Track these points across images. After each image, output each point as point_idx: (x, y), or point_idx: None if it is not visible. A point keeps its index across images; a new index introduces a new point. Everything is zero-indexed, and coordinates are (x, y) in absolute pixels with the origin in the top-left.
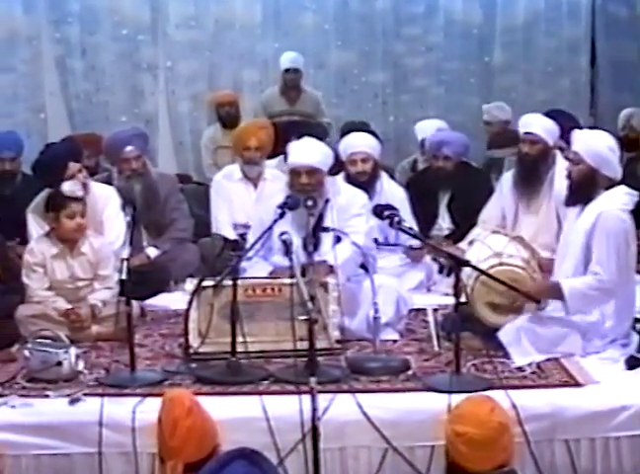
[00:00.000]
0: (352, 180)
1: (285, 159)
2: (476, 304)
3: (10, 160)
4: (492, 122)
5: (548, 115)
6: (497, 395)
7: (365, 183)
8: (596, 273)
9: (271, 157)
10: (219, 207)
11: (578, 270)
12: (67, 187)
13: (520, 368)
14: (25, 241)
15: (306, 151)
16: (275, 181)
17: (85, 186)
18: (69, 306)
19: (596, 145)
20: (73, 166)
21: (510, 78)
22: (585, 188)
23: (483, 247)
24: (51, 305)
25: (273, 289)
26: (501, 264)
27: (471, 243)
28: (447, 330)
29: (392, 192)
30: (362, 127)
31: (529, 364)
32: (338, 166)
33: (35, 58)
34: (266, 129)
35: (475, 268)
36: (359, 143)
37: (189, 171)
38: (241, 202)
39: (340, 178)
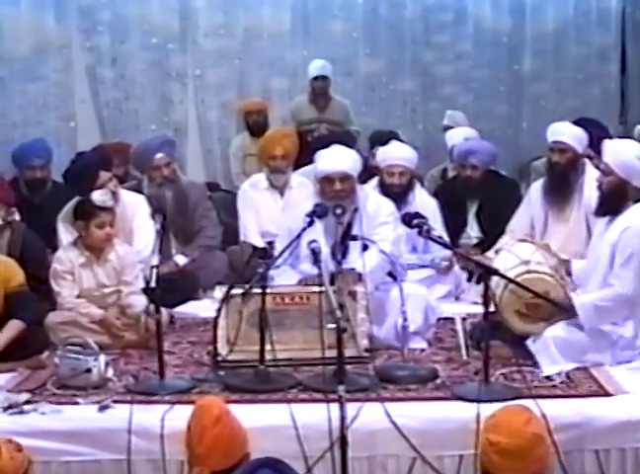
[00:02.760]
0: (386, 190)
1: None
2: (505, 312)
3: (40, 168)
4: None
5: (578, 123)
6: (526, 404)
7: (399, 194)
8: (611, 284)
9: (296, 167)
10: (247, 216)
11: (607, 282)
12: (97, 196)
13: (549, 377)
14: (55, 249)
15: (338, 158)
16: (301, 188)
17: (115, 194)
18: (102, 312)
19: (626, 156)
20: (104, 175)
21: (539, 86)
22: (615, 199)
23: (510, 255)
24: (84, 311)
25: (301, 298)
26: (528, 271)
27: (497, 252)
28: (476, 339)
29: (424, 201)
30: (392, 136)
31: (559, 374)
32: (366, 174)
33: (65, 67)
34: (290, 137)
35: (504, 276)
36: (398, 155)
37: (217, 179)
38: (268, 211)
39: (368, 186)
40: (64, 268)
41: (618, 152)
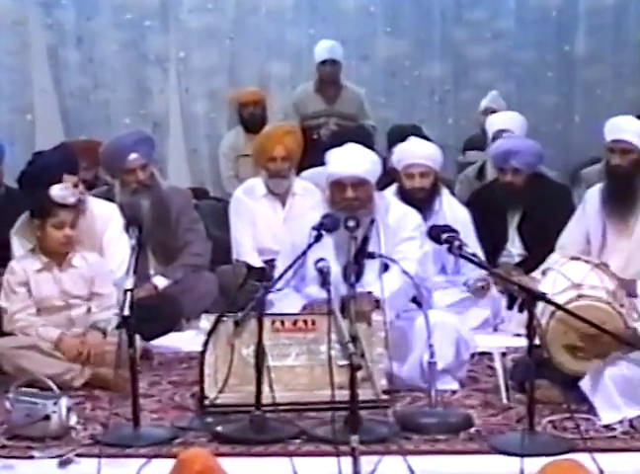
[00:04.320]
0: (406, 196)
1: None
2: (552, 347)
3: None
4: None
5: None
6: (580, 459)
7: (422, 200)
8: None
9: (301, 169)
10: (241, 229)
11: None
12: (56, 191)
13: (608, 427)
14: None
15: (352, 159)
16: (306, 196)
17: (81, 202)
18: (58, 332)
19: None
20: (68, 179)
21: (595, 71)
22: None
23: (559, 277)
24: (38, 332)
25: (306, 328)
26: (579, 297)
27: (545, 272)
28: (519, 378)
29: (453, 211)
30: (414, 132)
31: (620, 422)
32: (386, 179)
33: (21, 48)
34: (293, 134)
35: (552, 302)
36: (418, 153)
37: (205, 184)
38: (266, 223)
39: (389, 193)
40: (17, 279)
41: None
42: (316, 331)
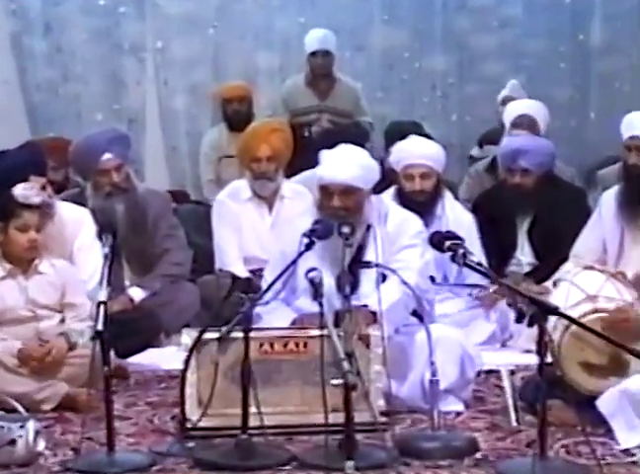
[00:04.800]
0: (405, 200)
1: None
2: (566, 364)
3: None
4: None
5: None
6: None
7: (423, 204)
8: None
9: (292, 173)
10: (225, 236)
11: None
12: (20, 190)
13: (627, 451)
14: None
15: (341, 164)
16: (296, 199)
17: (50, 207)
18: (19, 343)
19: None
20: (35, 181)
21: (612, 62)
22: None
23: (572, 288)
24: None
25: (297, 344)
26: (595, 311)
27: (556, 283)
28: (529, 399)
29: (457, 216)
30: (414, 129)
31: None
32: (384, 181)
33: None
34: (280, 132)
35: (565, 316)
36: (418, 152)
37: (185, 187)
38: (253, 229)
39: (387, 196)
40: None
41: None
42: (308, 354)
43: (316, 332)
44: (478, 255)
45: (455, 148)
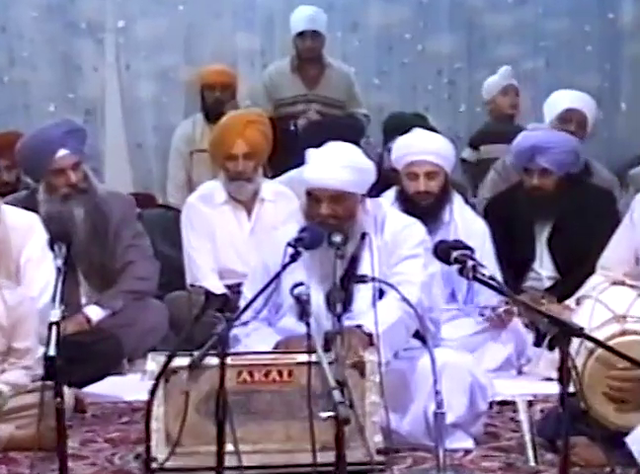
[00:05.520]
0: (408, 203)
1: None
2: (591, 394)
3: None
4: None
5: None
6: None
7: (429, 209)
8: None
9: (274, 173)
10: (197, 245)
11: None
12: None
13: None
14: None
15: (331, 166)
16: (279, 202)
17: None
18: None
19: None
20: None
21: None
22: None
23: (598, 306)
24: None
25: (280, 372)
26: (624, 333)
27: (580, 301)
28: (549, 434)
29: (467, 223)
30: (416, 122)
31: None
32: (383, 183)
33: None
34: (257, 125)
35: (590, 338)
36: (423, 148)
37: (151, 189)
38: (229, 238)
39: (387, 200)
40: None
41: None
42: (293, 383)
43: (303, 357)
44: (492, 268)
45: (464, 143)
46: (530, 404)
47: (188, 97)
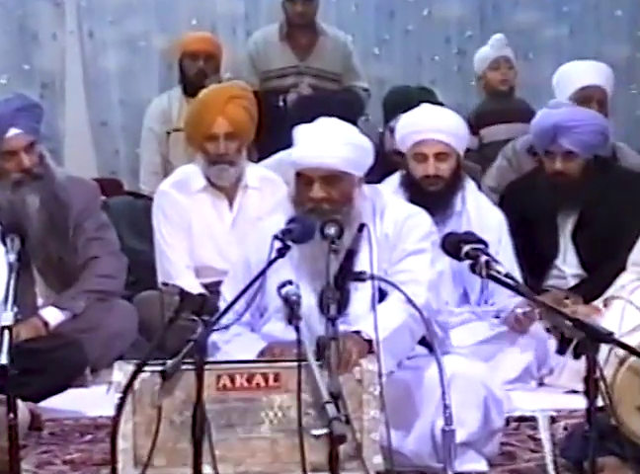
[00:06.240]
0: (414, 189)
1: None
2: (622, 409)
3: None
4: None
5: None
6: None
7: (437, 196)
8: None
9: (263, 156)
10: (170, 239)
11: None
12: None
13: None
14: None
15: (323, 142)
16: (265, 190)
17: None
18: None
19: None
20: None
21: None
22: None
23: (629, 308)
24: None
25: (266, 382)
26: None
27: (608, 302)
28: (574, 455)
29: (482, 214)
30: (422, 97)
31: None
32: (381, 166)
33: None
34: (242, 100)
35: (621, 344)
36: (431, 125)
37: (118, 173)
38: (208, 230)
39: (388, 186)
40: None
41: None
42: (281, 390)
43: (292, 365)
44: (509, 264)
45: None
46: (553, 420)
47: (162, 68)
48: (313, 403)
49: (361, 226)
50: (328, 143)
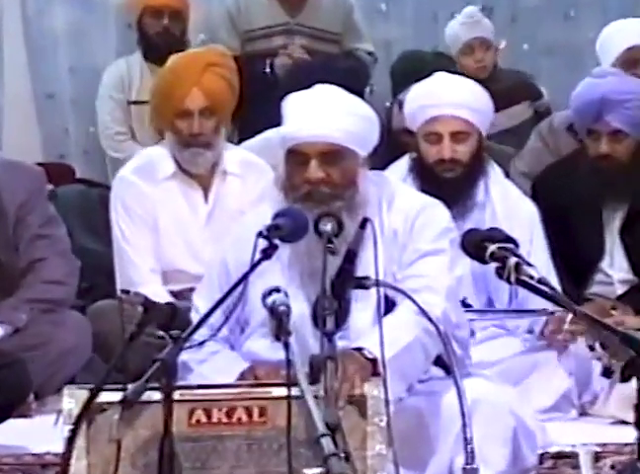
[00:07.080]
0: (427, 176)
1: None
2: None
3: None
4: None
5: None
6: None
7: (456, 184)
8: None
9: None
10: (132, 237)
11: None
12: None
13: None
14: None
15: (321, 111)
16: (247, 177)
17: None
18: None
19: None
20: None
21: None
22: None
23: None
24: None
25: (249, 412)
26: None
27: None
28: None
29: (509, 206)
30: (438, 64)
31: None
32: (390, 148)
33: None
34: (220, 68)
35: None
36: (448, 98)
37: (68, 157)
38: (177, 227)
39: (395, 171)
40: None
41: None
42: (267, 426)
43: (280, 391)
44: (543, 268)
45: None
46: (597, 457)
47: (118, 28)
48: (306, 440)
49: (365, 221)
50: (327, 113)
